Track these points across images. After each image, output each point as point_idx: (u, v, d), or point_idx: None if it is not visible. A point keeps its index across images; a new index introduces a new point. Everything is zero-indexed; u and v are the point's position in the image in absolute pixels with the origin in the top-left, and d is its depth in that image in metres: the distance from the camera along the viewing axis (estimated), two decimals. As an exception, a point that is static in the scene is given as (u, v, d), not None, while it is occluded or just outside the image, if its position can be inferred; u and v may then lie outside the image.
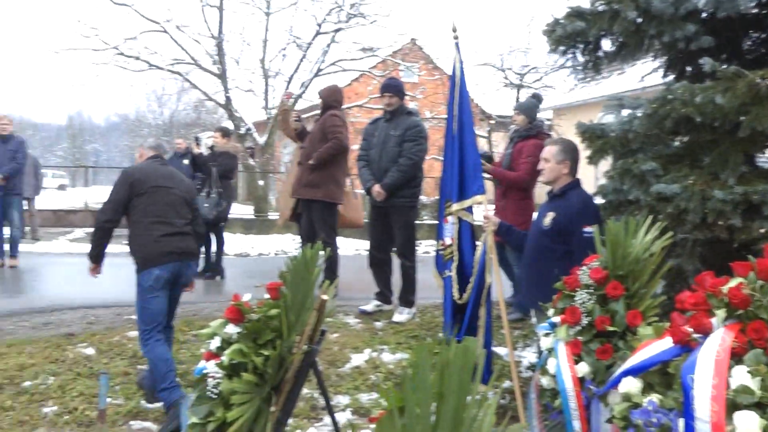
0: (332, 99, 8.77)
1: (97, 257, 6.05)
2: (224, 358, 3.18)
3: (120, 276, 8.17)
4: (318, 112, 8.94)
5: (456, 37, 6.41)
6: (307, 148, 8.72)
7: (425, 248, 15.04)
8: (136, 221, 5.89)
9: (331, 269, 8.06)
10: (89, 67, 55.10)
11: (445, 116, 6.81)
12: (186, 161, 14.04)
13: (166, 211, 5.96)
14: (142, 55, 23.90)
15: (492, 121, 28.85)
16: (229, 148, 11.24)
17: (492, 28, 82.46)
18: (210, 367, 3.26)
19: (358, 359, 6.98)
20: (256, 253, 15.91)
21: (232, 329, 3.25)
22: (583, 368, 3.71)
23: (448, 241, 6.45)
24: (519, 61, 28.45)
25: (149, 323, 5.88)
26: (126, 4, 23.37)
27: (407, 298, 8.16)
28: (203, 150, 11.29)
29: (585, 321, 3.81)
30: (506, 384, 6.03)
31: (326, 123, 8.58)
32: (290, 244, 17.11)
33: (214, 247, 11.22)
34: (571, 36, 5.73)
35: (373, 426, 2.24)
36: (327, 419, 5.83)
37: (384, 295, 8.41)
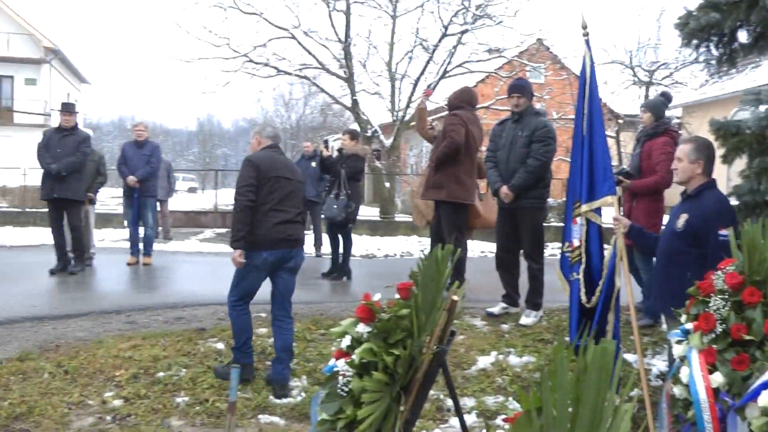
0: (459, 101, 8.76)
1: (239, 242, 6.31)
2: (355, 357, 3.23)
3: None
4: (442, 115, 8.98)
5: (586, 34, 6.30)
6: (433, 151, 8.77)
7: (552, 251, 14.84)
8: (255, 207, 6.33)
9: (459, 270, 8.04)
10: (219, 75, 56.66)
11: (572, 117, 6.71)
12: (314, 163, 14.35)
13: (283, 200, 6.44)
14: (270, 62, 24.45)
15: (620, 121, 28.20)
16: (357, 150, 11.35)
17: (620, 24, 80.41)
18: (340, 365, 3.32)
19: (484, 361, 6.96)
20: (382, 254, 16.04)
21: (362, 328, 3.30)
22: (718, 378, 3.58)
23: (576, 242, 6.36)
24: (648, 58, 27.63)
25: (242, 295, 6.52)
26: (255, 12, 23.98)
27: (534, 300, 8.06)
28: (332, 152, 11.45)
29: (720, 329, 3.67)
30: (635, 392, 5.88)
31: (446, 123, 8.60)
32: (416, 246, 17.18)
33: (341, 249, 11.37)
34: (705, 28, 5.56)
35: (507, 426, 2.24)
36: (452, 421, 5.84)
37: (511, 298, 8.33)
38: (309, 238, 15.30)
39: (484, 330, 7.87)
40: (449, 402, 6.09)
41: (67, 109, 11.44)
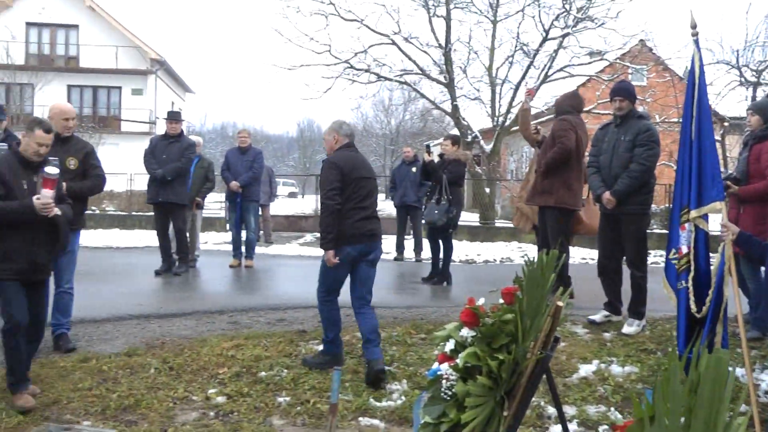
0: (567, 104, 8.68)
1: (330, 242, 6.66)
2: (459, 361, 3.23)
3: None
4: (548, 118, 8.90)
5: (695, 34, 6.15)
6: (541, 155, 8.69)
7: (653, 258, 14.49)
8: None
9: (562, 276, 7.94)
10: (320, 81, 57.44)
11: (676, 120, 6.55)
12: (414, 169, 14.39)
13: (364, 198, 6.84)
14: (371, 68, 24.62)
15: (726, 124, 27.35)
16: (458, 155, 11.33)
17: (725, 22, 77.83)
18: (444, 368, 3.32)
19: (585, 370, 6.84)
20: (481, 260, 15.97)
21: (466, 332, 3.29)
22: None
23: (684, 249, 6.20)
24: (756, 57, 26.65)
25: (329, 290, 6.90)
26: (356, 19, 24.20)
27: (637, 309, 7.88)
28: (434, 158, 11.46)
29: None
30: (743, 408, 5.68)
31: (555, 128, 8.51)
32: (516, 252, 17.04)
33: (441, 254, 11.37)
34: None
35: (614, 435, 2.20)
36: (553, 429, 5.76)
37: (613, 306, 8.17)
38: (409, 243, 15.35)
39: (585, 338, 7.75)
40: (550, 410, 6.01)
41: (174, 117, 11.79)
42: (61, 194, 5.93)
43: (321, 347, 7.19)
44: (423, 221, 12.29)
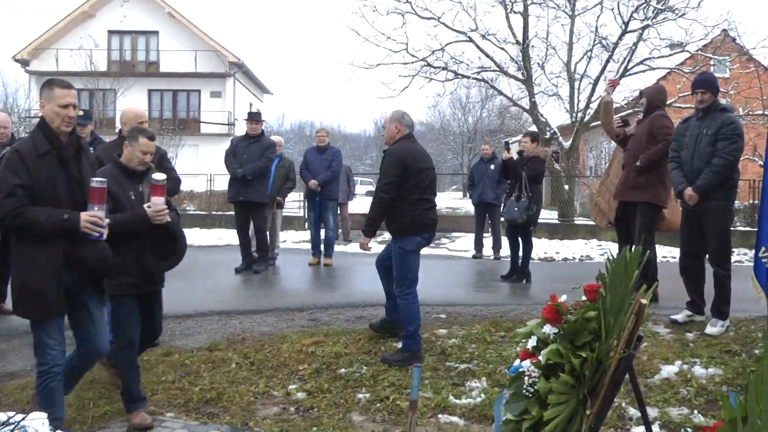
0: (657, 99, 8.56)
1: (373, 232, 7.17)
2: (541, 358, 3.22)
3: (426, 277, 8.52)
4: (628, 112, 8.74)
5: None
6: (632, 150, 8.54)
7: (737, 257, 14.16)
8: (403, 197, 7.01)
9: (647, 274, 7.79)
10: (397, 80, 57.51)
11: (761, 112, 6.37)
12: (492, 166, 14.34)
13: (426, 189, 7.15)
14: (448, 65, 24.59)
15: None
16: (538, 152, 11.25)
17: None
18: (526, 365, 3.31)
19: (667, 371, 6.71)
20: (561, 258, 15.80)
21: (549, 329, 3.28)
22: None
23: (775, 247, 6.04)
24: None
25: (410, 282, 7.11)
26: (433, 17, 24.18)
27: (721, 309, 7.66)
28: (513, 155, 11.39)
29: None
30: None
31: (655, 123, 8.37)
32: (595, 250, 16.82)
33: (521, 251, 11.31)
34: None
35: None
36: (634, 430, 5.66)
37: (696, 305, 7.98)
38: (487, 240, 15.29)
39: (667, 338, 7.61)
40: (631, 411, 5.93)
41: (254, 117, 11.98)
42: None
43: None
44: (502, 219, 12.20)
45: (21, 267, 4.70)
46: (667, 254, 15.22)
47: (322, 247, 13.09)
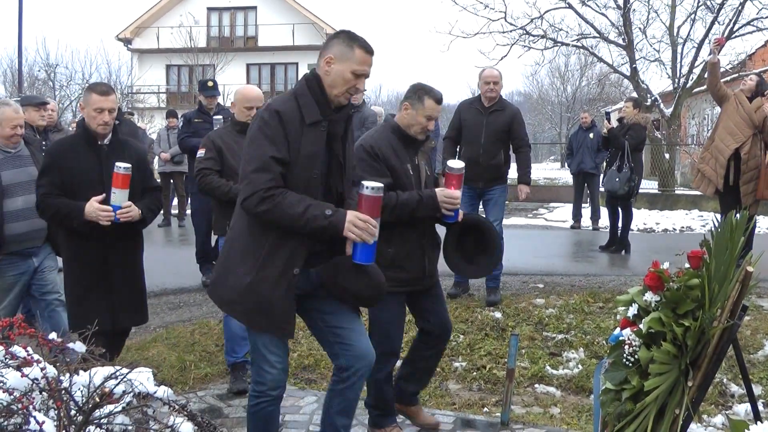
0: None
1: None
2: (642, 326, 3.15)
3: (524, 246, 8.43)
4: (732, 77, 8.39)
5: None
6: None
7: None
8: None
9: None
10: (495, 49, 57.01)
11: None
12: (591, 135, 14.10)
13: None
14: (547, 33, 24.18)
15: None
16: (639, 119, 10.94)
17: None
18: (626, 334, 3.25)
19: (772, 347, 6.51)
20: (660, 229, 15.45)
21: (650, 297, 3.20)
22: None
23: None
24: None
25: None
26: (532, -15, 23.77)
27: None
28: (613, 124, 11.09)
29: None
30: None
31: None
32: (697, 221, 16.38)
33: (620, 222, 11.10)
34: None
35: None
36: (737, 408, 5.50)
37: (805, 277, 7.68)
38: (586, 211, 15.07)
39: (773, 312, 7.38)
40: (733, 387, 5.78)
41: (355, 89, 12.02)
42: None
43: (497, 314, 7.21)
44: (601, 189, 11.92)
45: (252, 263, 3.62)
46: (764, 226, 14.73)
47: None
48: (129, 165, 4.79)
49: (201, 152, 5.97)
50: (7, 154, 5.34)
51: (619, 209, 11.02)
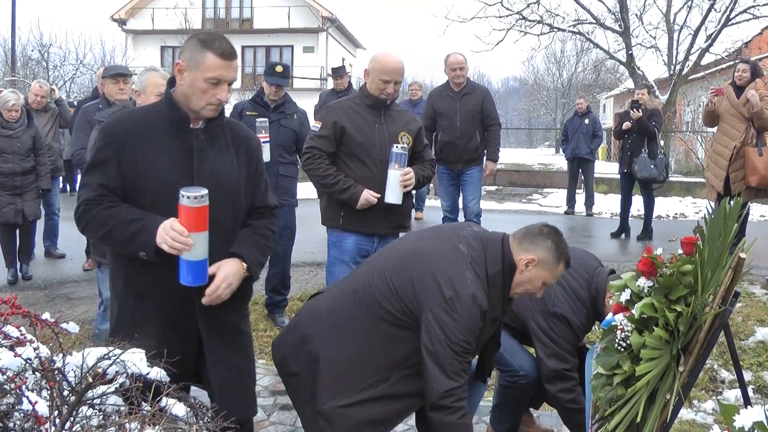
0: None
1: None
2: (635, 311, 3.16)
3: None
4: (729, 64, 8.39)
5: None
6: None
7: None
8: None
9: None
10: (491, 34, 56.93)
11: None
12: (587, 120, 14.12)
13: None
14: (544, 19, 24.17)
15: None
16: (656, 104, 10.99)
17: None
18: (619, 319, 3.26)
19: (763, 333, 6.55)
20: (654, 215, 15.44)
21: (643, 282, 3.21)
22: None
23: None
24: None
25: None
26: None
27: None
28: (639, 112, 10.83)
29: None
30: None
31: None
32: (690, 207, 16.41)
33: (644, 208, 11.43)
34: None
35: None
36: (727, 394, 5.53)
37: (797, 265, 7.72)
38: (580, 197, 15.07)
39: (763, 299, 7.42)
40: (723, 373, 5.81)
41: (338, 72, 11.99)
42: None
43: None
44: (637, 176, 11.44)
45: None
46: (766, 213, 14.76)
47: (414, 200, 13.08)
48: (203, 192, 3.03)
49: (316, 126, 5.19)
50: None
51: (642, 196, 11.29)
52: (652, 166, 10.47)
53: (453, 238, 3.53)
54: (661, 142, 10.75)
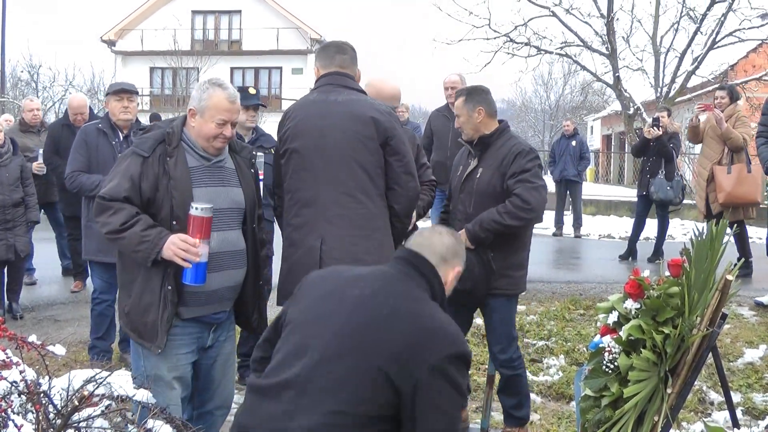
0: None
1: None
2: (622, 334, 3.17)
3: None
4: (714, 87, 8.46)
5: None
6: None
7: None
8: None
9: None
10: (479, 56, 57.15)
11: None
12: (574, 142, 14.18)
13: None
14: (531, 41, 24.26)
15: None
16: (676, 127, 11.01)
17: None
18: (606, 341, 3.27)
19: (752, 355, 6.53)
20: (642, 237, 15.45)
21: (631, 304, 3.22)
22: None
23: None
24: None
25: None
26: (516, -9, 23.82)
27: (811, 291, 7.42)
28: (659, 131, 10.79)
29: None
30: None
31: None
32: (678, 229, 16.45)
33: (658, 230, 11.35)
34: None
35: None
36: (716, 416, 5.51)
37: (784, 287, 7.75)
38: (568, 218, 15.09)
39: (752, 321, 7.42)
40: (712, 395, 5.80)
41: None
42: None
43: (478, 320, 7.20)
44: (653, 198, 11.28)
45: None
46: (753, 235, 14.81)
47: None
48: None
49: None
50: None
51: (657, 218, 11.21)
52: (669, 188, 10.42)
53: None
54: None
